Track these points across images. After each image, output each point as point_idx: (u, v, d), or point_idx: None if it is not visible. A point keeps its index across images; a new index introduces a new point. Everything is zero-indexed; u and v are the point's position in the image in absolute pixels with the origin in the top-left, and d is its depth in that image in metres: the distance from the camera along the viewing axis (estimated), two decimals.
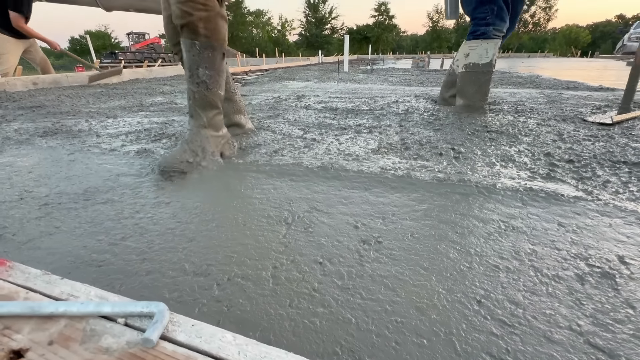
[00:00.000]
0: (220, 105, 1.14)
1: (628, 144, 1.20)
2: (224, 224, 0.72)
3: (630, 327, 0.44)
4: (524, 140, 1.25)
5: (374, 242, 0.64)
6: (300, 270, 0.56)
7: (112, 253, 0.62)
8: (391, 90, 3.17)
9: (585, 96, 2.55)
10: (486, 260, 0.58)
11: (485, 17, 1.60)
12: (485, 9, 1.59)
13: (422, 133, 1.40)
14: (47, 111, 2.12)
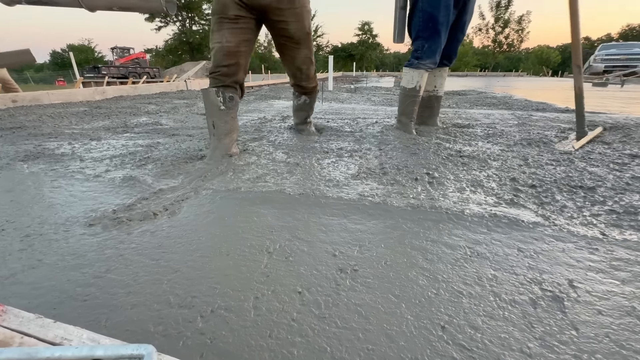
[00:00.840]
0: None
1: (586, 168, 1.31)
2: (208, 253, 0.75)
3: (573, 347, 0.50)
4: (493, 165, 1.35)
5: (350, 271, 0.68)
6: (280, 300, 0.60)
7: (96, 286, 0.64)
8: (373, 110, 3.29)
9: (553, 118, 2.73)
10: (451, 287, 0.63)
11: (417, 50, 1.87)
12: (418, 43, 1.85)
13: (400, 157, 1.48)
14: (28, 133, 2.10)
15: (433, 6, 1.75)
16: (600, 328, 0.53)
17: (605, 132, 1.98)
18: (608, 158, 1.44)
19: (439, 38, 1.83)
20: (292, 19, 1.55)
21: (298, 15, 1.55)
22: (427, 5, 1.76)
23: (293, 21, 1.56)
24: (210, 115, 1.53)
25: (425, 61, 1.89)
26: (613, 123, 2.31)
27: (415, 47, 1.89)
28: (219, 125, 1.50)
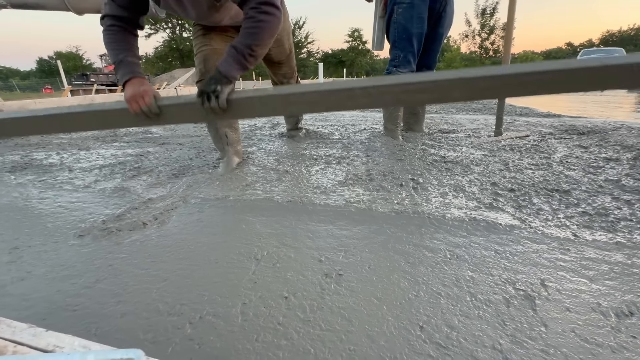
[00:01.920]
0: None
1: (563, 172, 1.36)
2: (196, 262, 0.77)
3: (541, 343, 0.53)
4: (475, 170, 1.40)
5: (335, 275, 0.71)
6: (267, 305, 0.62)
7: (86, 296, 0.65)
8: (362, 117, 3.34)
9: (535, 122, 2.82)
10: (431, 288, 0.66)
11: (394, 60, 1.96)
12: (394, 53, 1.95)
13: (386, 163, 1.52)
14: (14, 143, 2.08)
15: (406, 19, 1.85)
16: (567, 324, 0.57)
17: (529, 137, 2.12)
18: (584, 162, 1.50)
19: (412, 48, 1.94)
20: (274, 45, 1.59)
21: (278, 41, 1.58)
22: (401, 17, 1.86)
23: (274, 47, 1.60)
24: (220, 125, 1.51)
25: (402, 69, 1.98)
26: (591, 127, 2.40)
27: (392, 56, 1.98)
28: (230, 133, 1.52)
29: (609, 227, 0.89)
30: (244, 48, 1.03)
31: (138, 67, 1.09)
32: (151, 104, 0.97)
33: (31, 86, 33.31)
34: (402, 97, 0.79)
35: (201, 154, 1.79)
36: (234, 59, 1.04)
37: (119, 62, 1.08)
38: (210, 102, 0.94)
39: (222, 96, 0.94)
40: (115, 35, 1.09)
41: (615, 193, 1.11)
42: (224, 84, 0.98)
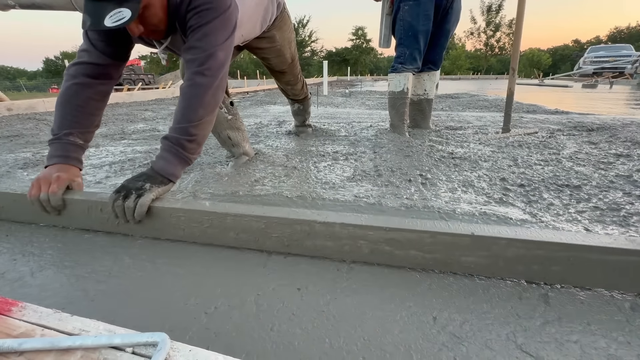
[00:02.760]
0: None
1: (572, 167, 1.36)
2: (209, 255, 0.78)
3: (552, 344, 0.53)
4: (484, 166, 1.39)
5: (346, 269, 0.71)
6: (280, 296, 0.63)
7: (103, 287, 0.67)
8: (367, 114, 3.34)
9: (543, 119, 2.80)
10: (443, 281, 0.67)
11: (400, 57, 1.97)
12: (400, 50, 1.96)
13: (394, 160, 1.52)
14: (25, 141, 2.11)
15: (412, 16, 1.85)
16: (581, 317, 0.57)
17: (537, 134, 2.09)
18: (594, 158, 1.49)
19: (418, 45, 1.94)
20: (274, 55, 1.57)
21: (279, 51, 1.56)
22: (407, 15, 1.86)
23: (274, 57, 1.59)
24: (221, 129, 1.46)
25: (408, 66, 1.99)
26: (600, 124, 2.37)
27: (397, 53, 1.98)
28: (234, 135, 1.50)
29: (622, 222, 0.89)
30: (179, 135, 0.86)
31: (76, 151, 0.93)
32: (55, 193, 0.82)
33: (38, 86, 33.72)
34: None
35: (209, 151, 1.80)
36: (170, 152, 0.86)
37: (56, 139, 0.92)
38: (127, 201, 0.77)
39: (145, 198, 0.77)
40: (76, 96, 0.93)
41: (626, 188, 1.11)
42: (157, 183, 0.82)
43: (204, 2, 0.88)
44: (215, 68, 0.89)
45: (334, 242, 0.71)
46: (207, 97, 0.88)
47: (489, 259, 0.65)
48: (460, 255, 0.66)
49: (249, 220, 0.75)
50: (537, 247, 0.61)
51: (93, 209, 0.83)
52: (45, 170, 0.89)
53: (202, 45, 0.88)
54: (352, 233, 0.69)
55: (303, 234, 0.72)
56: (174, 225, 0.80)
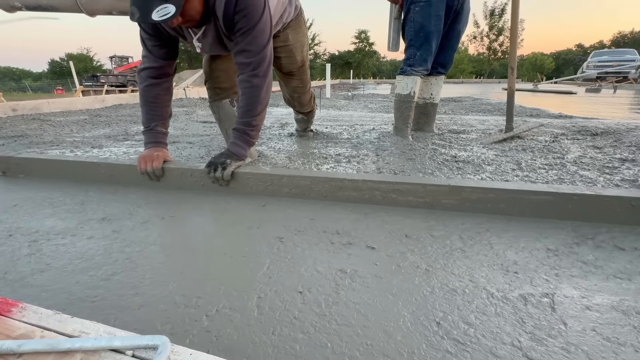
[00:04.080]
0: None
1: (577, 171, 1.34)
2: (212, 256, 0.77)
3: (561, 340, 0.52)
4: (487, 169, 1.38)
5: (350, 271, 0.71)
6: (282, 299, 0.62)
7: (104, 288, 0.66)
8: (370, 117, 3.34)
9: (546, 123, 2.78)
10: (446, 285, 0.66)
11: (409, 59, 1.95)
12: (410, 52, 1.94)
13: (397, 162, 1.51)
14: (29, 141, 2.12)
15: (424, 17, 1.83)
16: (587, 322, 0.56)
17: (543, 127, 2.08)
18: (599, 162, 1.48)
19: (429, 47, 1.91)
20: (284, 54, 1.57)
21: (290, 51, 1.56)
22: (419, 16, 1.83)
23: (285, 56, 1.58)
24: (230, 126, 1.43)
25: (417, 68, 1.96)
26: (604, 128, 2.36)
27: (407, 55, 1.95)
28: None
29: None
30: (244, 127, 1.15)
31: (163, 137, 1.24)
32: (157, 167, 1.13)
33: (43, 87, 34.02)
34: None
35: (211, 152, 1.80)
36: (240, 139, 1.15)
37: (148, 130, 1.22)
38: (216, 172, 1.07)
39: (228, 169, 1.07)
40: (151, 95, 1.20)
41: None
42: (234, 159, 1.11)
43: (248, 5, 1.02)
44: (265, 69, 1.11)
45: (357, 193, 1.01)
46: (262, 95, 1.13)
47: (460, 200, 0.95)
48: (442, 199, 0.96)
49: (299, 180, 1.05)
50: (489, 192, 0.93)
51: (185, 175, 1.16)
52: (146, 151, 1.19)
53: (253, 49, 1.07)
54: (370, 186, 1.00)
55: (336, 187, 1.03)
56: (244, 184, 1.11)
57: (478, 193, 0.92)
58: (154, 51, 1.16)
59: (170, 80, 1.24)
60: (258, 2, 1.03)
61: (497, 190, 0.91)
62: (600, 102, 5.17)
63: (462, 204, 0.94)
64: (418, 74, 1.98)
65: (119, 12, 4.14)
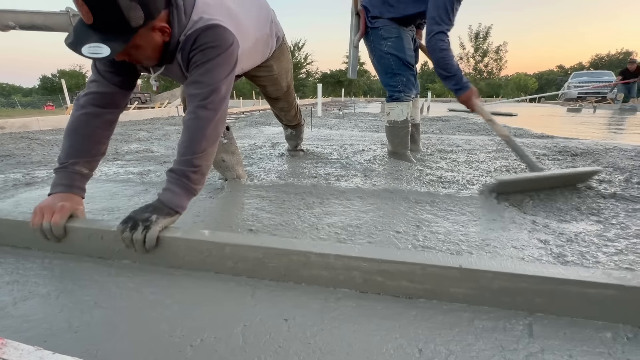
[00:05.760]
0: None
1: (556, 192, 1.39)
2: (198, 284, 0.77)
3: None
4: (471, 189, 1.42)
5: (333, 299, 0.72)
6: (267, 328, 0.63)
7: (88, 318, 0.66)
8: (360, 137, 3.41)
9: (529, 144, 2.88)
10: (427, 311, 0.67)
11: (397, 86, 2.03)
12: (396, 80, 2.02)
13: (383, 182, 1.55)
14: (17, 161, 2.10)
15: (398, 49, 1.97)
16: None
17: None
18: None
19: (412, 70, 2.06)
20: (269, 83, 1.62)
21: (275, 80, 1.61)
22: (393, 49, 1.97)
23: (270, 84, 1.64)
24: (216, 152, 1.42)
25: (409, 93, 2.06)
26: (584, 148, 2.45)
27: (394, 83, 2.03)
28: (228, 158, 1.52)
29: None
30: (184, 167, 0.89)
31: (80, 180, 0.95)
32: (57, 224, 0.84)
33: (33, 103, 33.70)
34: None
35: None
36: (176, 184, 0.88)
37: (62, 168, 0.94)
38: (135, 232, 0.78)
39: (153, 229, 0.79)
40: (86, 125, 0.96)
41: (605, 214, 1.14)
42: (164, 214, 0.83)
43: (208, 41, 0.92)
44: (217, 102, 0.93)
45: (328, 272, 0.74)
46: (209, 130, 0.92)
47: (476, 290, 0.67)
48: (449, 287, 0.68)
49: (247, 250, 0.77)
50: (521, 280, 0.64)
51: (93, 237, 0.85)
52: (49, 199, 0.90)
53: (205, 80, 0.92)
54: (346, 264, 0.72)
55: (299, 264, 0.75)
56: (173, 254, 0.82)
57: (502, 280, 0.65)
58: (108, 76, 0.97)
59: (116, 113, 1.03)
60: (221, 40, 0.94)
61: (531, 278, 0.63)
62: (581, 122, 5.38)
63: (481, 295, 0.67)
64: (410, 99, 2.07)
65: None
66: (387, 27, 1.95)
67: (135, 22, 0.78)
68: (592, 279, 0.61)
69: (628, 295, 0.60)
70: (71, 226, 0.86)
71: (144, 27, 0.81)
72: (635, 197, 1.32)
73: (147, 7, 0.79)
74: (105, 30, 0.76)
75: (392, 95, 2.07)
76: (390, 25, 1.94)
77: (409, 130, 2.12)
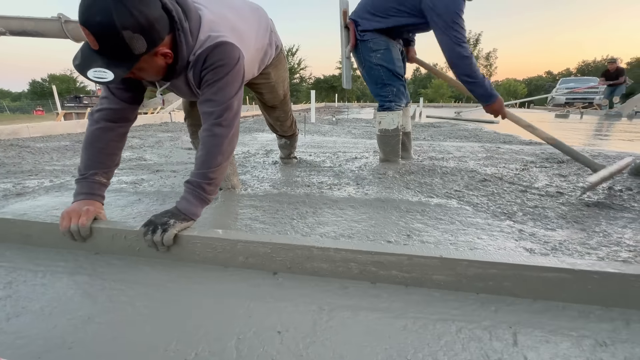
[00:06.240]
0: None
1: (542, 198, 1.44)
2: (192, 296, 0.78)
3: None
4: (456, 198, 1.46)
5: (327, 310, 0.73)
6: (261, 340, 0.64)
7: (82, 333, 0.66)
8: (353, 143, 3.44)
9: (518, 150, 2.95)
10: (417, 322, 0.69)
11: (388, 96, 2.09)
12: (387, 90, 2.08)
13: (375, 191, 1.58)
14: (6, 170, 2.08)
15: (387, 60, 2.04)
16: None
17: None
18: (564, 190, 1.59)
19: (402, 81, 2.13)
20: (266, 90, 1.66)
21: (272, 87, 1.64)
22: (382, 61, 2.03)
23: (267, 92, 1.67)
24: None
25: (400, 102, 2.12)
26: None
27: (385, 93, 2.09)
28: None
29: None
30: (200, 179, 0.98)
31: (100, 189, 1.05)
32: (84, 225, 0.92)
33: (22, 107, 33.17)
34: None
35: None
36: (192, 194, 0.97)
37: (83, 178, 1.03)
38: (155, 235, 0.87)
39: (170, 232, 0.88)
40: (101, 139, 1.05)
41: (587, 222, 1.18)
42: (180, 219, 0.92)
43: (218, 59, 0.98)
44: (231, 118, 1.01)
45: (328, 265, 0.84)
46: (224, 145, 1.01)
47: (454, 277, 0.78)
48: (432, 274, 0.79)
49: (257, 246, 0.87)
50: (491, 267, 0.75)
51: (117, 237, 0.96)
52: (74, 205, 1.00)
53: (218, 99, 1.00)
54: (344, 256, 0.82)
55: (303, 257, 0.85)
56: (190, 250, 0.92)
57: (476, 267, 0.75)
58: (118, 93, 1.05)
59: (127, 126, 1.11)
60: (229, 58, 1.00)
61: (501, 265, 0.74)
62: (569, 128, 5.51)
63: (458, 281, 0.77)
64: (401, 108, 2.13)
65: None
66: (376, 40, 2.00)
67: (138, 50, 0.83)
68: (549, 264, 0.73)
69: (578, 277, 0.72)
70: (96, 227, 0.96)
71: (147, 54, 0.86)
72: (617, 205, 1.37)
73: (149, 36, 0.83)
74: (110, 56, 0.82)
75: (383, 105, 2.13)
76: (379, 38, 2.00)
77: (399, 138, 2.18)
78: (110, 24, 0.76)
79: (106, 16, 0.76)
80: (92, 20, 0.77)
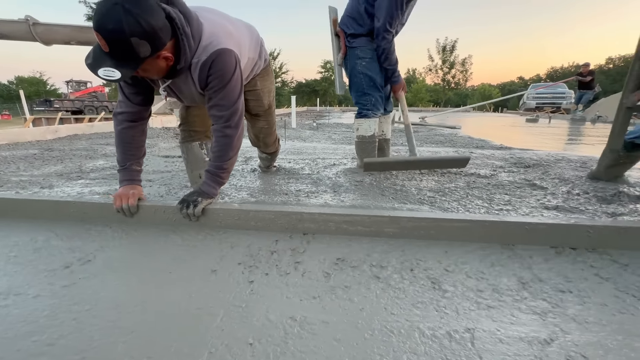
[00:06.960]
0: None
1: (509, 202, 1.52)
2: (164, 311, 0.79)
3: None
4: (428, 200, 1.52)
5: (299, 318, 0.76)
6: (232, 353, 0.66)
7: (49, 355, 0.65)
8: (332, 149, 3.49)
9: (489, 155, 3.09)
10: (384, 328, 0.73)
11: (366, 105, 2.17)
12: (365, 99, 2.16)
13: (351, 198, 1.62)
14: None
15: (371, 69, 2.10)
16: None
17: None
18: (528, 194, 1.68)
19: (381, 92, 2.20)
20: (252, 98, 1.69)
21: (258, 95, 1.69)
22: (366, 69, 2.10)
23: (253, 99, 1.70)
24: (196, 168, 1.65)
25: (376, 112, 2.18)
26: (537, 160, 2.67)
27: (364, 101, 2.16)
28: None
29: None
30: (217, 170, 1.28)
31: (137, 175, 1.36)
32: (133, 204, 1.25)
33: None
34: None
35: (172, 190, 1.80)
36: (212, 180, 1.29)
37: (124, 168, 1.32)
38: (188, 209, 1.20)
39: (199, 206, 1.21)
40: (128, 136, 1.30)
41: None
42: (205, 197, 1.25)
43: (222, 67, 1.15)
44: (237, 120, 1.25)
45: (314, 224, 1.19)
46: (234, 142, 1.27)
47: (399, 229, 1.15)
48: (384, 228, 1.15)
49: (264, 214, 1.21)
50: (421, 221, 1.13)
51: (158, 212, 1.28)
52: (122, 189, 1.30)
53: (225, 104, 1.21)
54: (325, 218, 1.18)
55: (296, 220, 1.20)
56: (215, 219, 1.26)
57: (413, 222, 1.13)
58: (132, 98, 1.25)
59: (145, 123, 1.35)
60: (230, 65, 1.16)
61: (427, 220, 1.13)
62: (537, 133, 5.80)
63: (401, 232, 1.15)
64: (377, 116, 2.20)
65: (78, 42, 4.03)
66: (363, 48, 2.07)
67: (144, 54, 0.96)
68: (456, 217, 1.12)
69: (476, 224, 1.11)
70: (142, 205, 1.28)
71: (151, 57, 0.99)
72: (574, 207, 1.47)
73: (153, 42, 0.96)
74: (119, 58, 0.94)
75: (361, 112, 2.19)
76: (367, 46, 2.06)
77: (376, 144, 2.24)
78: (120, 31, 0.88)
79: (117, 24, 0.88)
80: (104, 27, 0.88)
